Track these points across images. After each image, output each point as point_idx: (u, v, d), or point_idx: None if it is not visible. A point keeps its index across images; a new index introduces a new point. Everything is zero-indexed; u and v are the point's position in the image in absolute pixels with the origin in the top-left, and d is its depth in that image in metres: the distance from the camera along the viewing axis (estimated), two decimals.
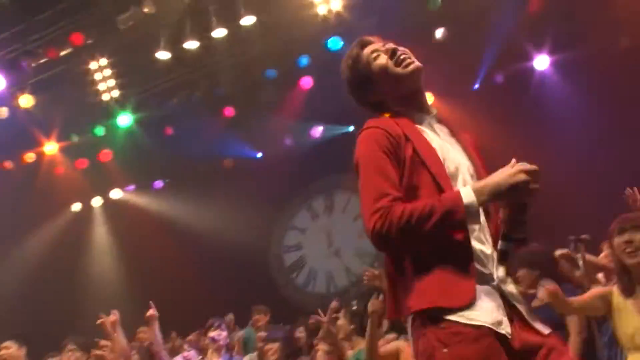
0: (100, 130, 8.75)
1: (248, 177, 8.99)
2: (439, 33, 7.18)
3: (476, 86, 7.64)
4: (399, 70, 1.77)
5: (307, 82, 8.18)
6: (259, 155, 9.26)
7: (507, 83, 7.29)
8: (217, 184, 9.27)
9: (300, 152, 8.77)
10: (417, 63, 1.77)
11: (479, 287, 1.54)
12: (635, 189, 3.67)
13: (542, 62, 7.18)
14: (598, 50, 6.39)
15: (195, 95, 8.07)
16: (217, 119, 8.54)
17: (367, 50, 1.86)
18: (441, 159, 1.66)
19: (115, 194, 9.84)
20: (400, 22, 7.09)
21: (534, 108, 7.01)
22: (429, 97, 7.87)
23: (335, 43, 7.61)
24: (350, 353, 3.89)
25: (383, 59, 1.81)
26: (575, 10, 6.62)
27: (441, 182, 1.62)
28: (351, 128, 8.83)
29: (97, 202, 9.91)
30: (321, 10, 7.09)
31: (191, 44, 7.12)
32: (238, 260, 8.67)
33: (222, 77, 7.89)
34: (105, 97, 7.94)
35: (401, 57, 1.78)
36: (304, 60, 7.87)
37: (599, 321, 3.20)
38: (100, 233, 9.87)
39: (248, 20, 6.98)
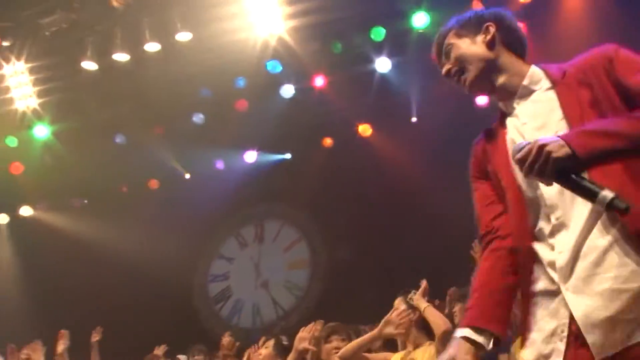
0: (12, 141, 8.37)
1: (174, 200, 8.76)
2: (380, 64, 7.40)
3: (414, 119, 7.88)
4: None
5: (242, 104, 8.15)
6: (187, 176, 9.10)
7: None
8: (141, 206, 9.00)
9: (231, 177, 8.64)
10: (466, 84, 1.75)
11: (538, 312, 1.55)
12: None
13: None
14: None
15: (122, 110, 7.88)
16: (145, 136, 8.35)
17: None
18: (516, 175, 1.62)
19: (25, 211, 9.37)
20: (344, 51, 7.27)
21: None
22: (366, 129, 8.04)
23: (274, 66, 7.66)
24: None
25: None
26: None
27: (511, 207, 1.64)
28: (288, 155, 8.85)
29: (2, 219, 9.39)
30: (261, 33, 7.15)
31: (121, 56, 6.96)
32: (159, 288, 8.35)
33: (152, 93, 7.74)
34: (21, 105, 7.62)
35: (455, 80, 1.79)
36: (241, 82, 7.86)
37: None
38: (5, 254, 9.36)
39: (184, 37, 6.88)
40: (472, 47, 1.70)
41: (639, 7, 5.80)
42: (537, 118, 1.61)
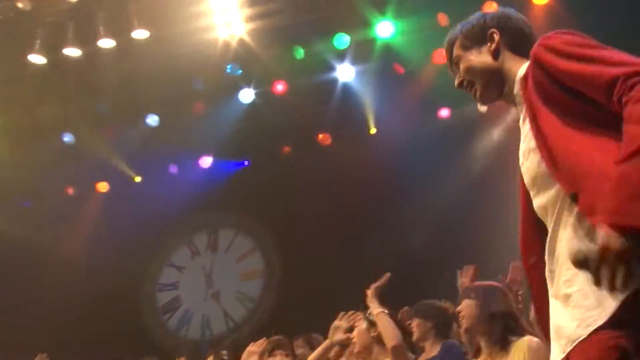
0: None
1: (124, 204, 8.56)
2: (342, 72, 7.42)
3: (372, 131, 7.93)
4: None
5: (199, 107, 8.04)
6: (138, 180, 8.91)
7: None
8: (88, 209, 8.78)
9: (185, 182, 8.47)
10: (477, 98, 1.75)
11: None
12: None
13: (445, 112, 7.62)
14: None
15: (71, 108, 7.66)
16: (95, 136, 8.14)
17: None
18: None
19: None
20: (306, 57, 7.26)
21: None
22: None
23: (234, 69, 7.59)
24: None
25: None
26: None
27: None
28: (246, 162, 8.77)
29: None
30: (222, 34, 7.08)
31: (72, 51, 6.72)
32: (105, 296, 8.07)
33: (104, 91, 7.56)
34: None
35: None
36: (199, 84, 7.76)
37: None
38: None
39: (140, 34, 6.73)
40: (477, 58, 1.69)
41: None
42: (525, 141, 1.60)
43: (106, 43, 6.69)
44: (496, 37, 1.68)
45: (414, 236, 6.93)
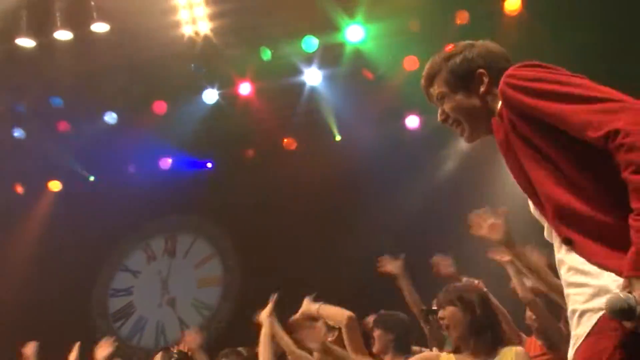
0: None
1: (77, 204, 8.33)
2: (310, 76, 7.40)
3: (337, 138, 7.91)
4: None
5: (161, 106, 7.91)
6: (92, 179, 8.73)
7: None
8: (38, 208, 8.55)
9: (143, 183, 8.27)
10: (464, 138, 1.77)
11: None
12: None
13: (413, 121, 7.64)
14: None
15: (24, 102, 7.45)
16: (48, 132, 7.95)
17: None
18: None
19: None
20: (273, 59, 7.22)
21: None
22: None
23: (198, 68, 7.50)
24: None
25: None
26: None
27: None
28: (210, 164, 8.65)
29: None
30: (187, 31, 6.98)
31: (26, 42, 6.48)
32: (53, 301, 7.88)
33: (60, 85, 7.37)
34: None
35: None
36: (160, 82, 7.61)
37: None
38: None
39: (100, 27, 6.55)
40: (466, 100, 1.69)
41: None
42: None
43: (63, 35, 6.53)
44: (485, 80, 1.67)
45: (380, 243, 6.95)
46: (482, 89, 1.68)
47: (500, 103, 1.61)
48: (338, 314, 3.37)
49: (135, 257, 8.77)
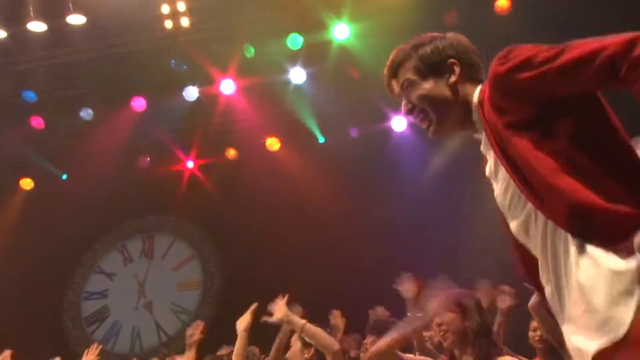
0: None
1: (50, 203, 8.20)
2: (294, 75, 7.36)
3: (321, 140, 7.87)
4: None
5: (140, 103, 7.82)
6: (64, 177, 8.60)
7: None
8: (10, 207, 8.45)
9: (120, 182, 8.14)
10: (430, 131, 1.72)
11: None
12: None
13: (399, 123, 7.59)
14: None
15: None
16: (21, 128, 7.83)
17: None
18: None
19: None
20: (257, 56, 7.16)
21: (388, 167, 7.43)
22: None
23: (178, 64, 7.43)
24: None
25: None
26: None
27: None
28: (190, 164, 8.58)
29: None
30: (167, 25, 6.89)
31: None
32: (24, 303, 7.71)
33: (33, 79, 7.25)
34: None
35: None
36: (139, 78, 7.55)
37: None
38: None
39: (76, 19, 6.40)
40: (435, 89, 1.64)
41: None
42: (499, 179, 1.58)
43: (36, 26, 6.39)
44: (457, 69, 1.64)
45: (362, 246, 6.94)
46: (452, 78, 1.64)
47: (477, 90, 1.59)
48: (327, 341, 3.35)
49: (110, 258, 8.65)
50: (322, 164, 7.50)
